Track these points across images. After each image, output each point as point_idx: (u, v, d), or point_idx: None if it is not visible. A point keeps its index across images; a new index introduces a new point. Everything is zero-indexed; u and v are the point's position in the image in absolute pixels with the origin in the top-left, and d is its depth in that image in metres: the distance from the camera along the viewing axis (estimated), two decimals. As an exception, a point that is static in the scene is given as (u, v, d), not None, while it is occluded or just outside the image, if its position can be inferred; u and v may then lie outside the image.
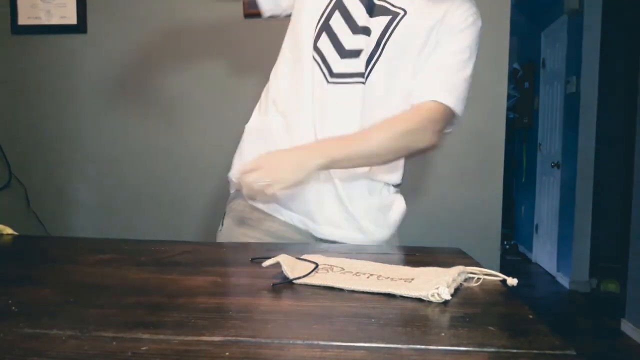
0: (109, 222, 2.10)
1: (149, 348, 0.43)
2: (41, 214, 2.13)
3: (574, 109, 3.89)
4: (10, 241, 0.95)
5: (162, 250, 0.87)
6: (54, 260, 0.79)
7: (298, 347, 0.44)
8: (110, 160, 2.09)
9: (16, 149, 2.15)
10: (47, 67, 2.12)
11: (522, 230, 5.34)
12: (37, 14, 2.07)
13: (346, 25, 0.98)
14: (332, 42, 0.98)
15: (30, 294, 0.59)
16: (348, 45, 0.98)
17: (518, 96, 5.06)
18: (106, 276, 0.70)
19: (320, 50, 0.99)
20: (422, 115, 0.98)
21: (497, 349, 0.44)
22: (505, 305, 0.58)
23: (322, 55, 0.99)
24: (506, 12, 1.97)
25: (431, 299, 0.56)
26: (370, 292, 0.60)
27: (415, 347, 0.44)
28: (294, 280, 0.64)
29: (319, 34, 0.99)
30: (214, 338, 0.45)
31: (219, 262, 0.78)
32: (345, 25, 0.98)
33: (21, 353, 0.42)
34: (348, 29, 0.98)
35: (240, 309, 0.55)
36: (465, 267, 0.67)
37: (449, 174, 2.00)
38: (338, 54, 0.98)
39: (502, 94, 1.98)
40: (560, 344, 0.45)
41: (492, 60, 1.97)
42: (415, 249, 0.89)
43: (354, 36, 0.97)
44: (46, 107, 2.14)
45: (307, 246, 0.97)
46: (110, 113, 2.10)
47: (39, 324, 0.49)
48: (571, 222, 3.89)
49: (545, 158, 4.63)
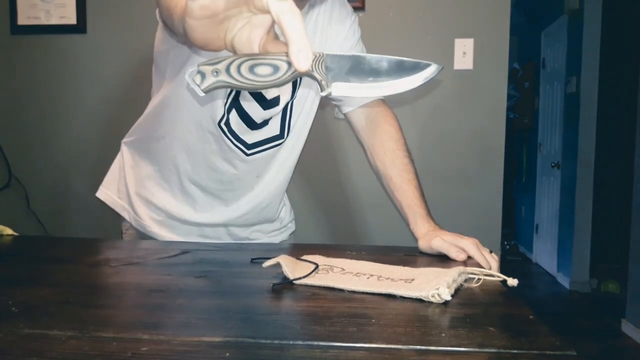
0: (109, 222, 2.10)
1: (149, 349, 0.43)
2: (41, 214, 2.13)
3: (574, 109, 3.89)
4: (10, 241, 0.94)
5: (162, 250, 0.86)
6: (54, 261, 0.79)
7: (298, 348, 0.44)
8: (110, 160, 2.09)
9: (16, 149, 2.15)
10: (47, 67, 2.12)
11: (523, 230, 5.35)
12: (36, 14, 2.07)
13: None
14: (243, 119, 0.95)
15: (30, 295, 0.59)
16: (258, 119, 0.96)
17: (518, 96, 5.06)
18: (106, 276, 0.70)
19: None
20: (394, 118, 1.06)
21: (497, 349, 0.44)
22: (505, 305, 0.58)
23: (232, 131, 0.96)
24: (506, 11, 1.97)
25: (431, 300, 0.56)
26: (370, 292, 0.60)
27: (415, 348, 0.44)
28: (294, 280, 0.63)
29: None
30: (214, 339, 0.45)
31: (219, 263, 0.78)
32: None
33: (21, 353, 0.42)
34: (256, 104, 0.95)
35: (240, 309, 0.55)
36: (465, 268, 0.67)
37: (449, 174, 2.00)
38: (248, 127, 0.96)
39: (502, 94, 1.98)
40: (560, 345, 0.45)
41: (492, 60, 1.97)
42: (415, 249, 0.89)
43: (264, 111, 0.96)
44: (46, 107, 2.14)
45: (307, 246, 0.97)
46: (109, 113, 2.10)
47: (39, 325, 0.49)
48: (571, 223, 3.89)
49: (546, 158, 4.63)
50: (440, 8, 1.97)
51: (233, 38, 0.51)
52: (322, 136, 2.03)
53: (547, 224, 4.54)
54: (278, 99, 0.95)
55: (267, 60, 0.49)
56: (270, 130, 0.98)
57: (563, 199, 4.13)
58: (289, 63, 0.48)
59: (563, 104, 4.19)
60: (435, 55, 1.96)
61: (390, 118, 1.05)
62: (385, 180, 1.00)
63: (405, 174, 0.97)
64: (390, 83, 0.52)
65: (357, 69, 0.51)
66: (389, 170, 0.98)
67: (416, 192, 0.95)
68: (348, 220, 2.07)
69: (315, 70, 0.50)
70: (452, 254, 0.80)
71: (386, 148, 1.01)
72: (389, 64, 0.52)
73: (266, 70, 0.49)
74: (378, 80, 0.52)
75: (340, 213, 2.07)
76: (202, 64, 0.49)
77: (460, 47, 1.97)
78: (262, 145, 0.99)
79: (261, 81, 0.49)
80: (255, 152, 0.98)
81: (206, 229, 1.04)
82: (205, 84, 0.49)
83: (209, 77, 0.49)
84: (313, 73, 0.50)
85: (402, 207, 0.95)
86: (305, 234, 1.99)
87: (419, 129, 2.01)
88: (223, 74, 0.49)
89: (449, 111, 2.00)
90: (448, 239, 0.82)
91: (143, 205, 1.04)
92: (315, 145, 2.00)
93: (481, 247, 0.82)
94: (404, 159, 0.99)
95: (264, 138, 0.98)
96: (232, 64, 0.49)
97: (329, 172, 2.07)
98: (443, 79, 1.99)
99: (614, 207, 3.91)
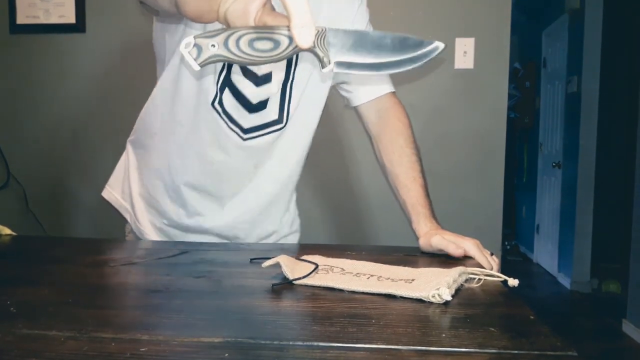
0: (108, 222, 2.10)
1: (148, 349, 0.43)
2: (40, 214, 2.13)
3: (575, 108, 3.89)
4: (9, 241, 0.94)
5: (162, 250, 0.86)
6: (53, 261, 0.79)
7: (298, 349, 0.44)
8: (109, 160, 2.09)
9: (14, 149, 2.15)
10: (46, 66, 2.12)
11: (523, 230, 5.34)
12: (35, 13, 2.07)
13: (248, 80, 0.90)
14: None
15: (29, 295, 0.59)
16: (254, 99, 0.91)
17: (519, 96, 5.05)
18: (105, 276, 0.70)
19: None
20: (404, 113, 1.04)
21: (498, 350, 0.44)
22: (506, 306, 0.57)
23: None
24: (507, 11, 1.97)
25: (432, 300, 0.56)
26: (370, 292, 0.60)
27: (415, 348, 0.44)
28: (293, 281, 0.63)
29: None
30: (214, 339, 0.45)
31: (219, 263, 0.78)
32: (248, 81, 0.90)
33: (19, 354, 0.42)
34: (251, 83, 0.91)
35: (239, 309, 0.55)
36: (465, 268, 0.67)
37: (449, 174, 2.00)
38: None
39: (503, 94, 1.98)
40: (561, 345, 0.45)
41: (493, 59, 1.97)
42: (415, 249, 0.89)
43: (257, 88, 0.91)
44: (44, 107, 2.14)
45: (307, 246, 0.97)
46: (109, 112, 2.10)
47: (38, 325, 0.48)
48: (572, 223, 3.88)
49: (547, 158, 4.63)
50: (441, 7, 1.97)
51: (227, 9, 0.49)
52: (331, 135, 2.02)
53: (548, 224, 4.54)
54: (270, 75, 0.91)
55: (267, 35, 0.47)
56: (268, 114, 0.93)
57: (564, 198, 4.12)
58: (290, 38, 0.46)
59: (564, 104, 4.19)
60: (435, 54, 1.95)
61: (400, 114, 1.03)
62: (391, 177, 0.99)
63: (412, 172, 0.96)
64: (393, 61, 0.50)
65: (359, 45, 0.50)
66: (396, 168, 0.98)
67: (421, 190, 0.94)
68: (355, 221, 2.06)
69: (317, 46, 0.48)
70: (450, 250, 0.80)
71: (395, 145, 1.00)
72: (392, 41, 0.50)
73: (266, 45, 0.47)
74: (381, 57, 0.50)
75: (347, 214, 2.07)
76: (199, 36, 0.47)
77: (461, 46, 1.96)
78: (259, 130, 0.93)
79: (260, 56, 0.47)
80: (252, 137, 0.93)
81: (200, 238, 1.00)
82: (202, 57, 0.47)
83: (205, 50, 0.46)
84: (315, 49, 0.48)
85: (406, 206, 0.95)
86: (312, 234, 1.99)
87: (419, 129, 1.99)
88: (220, 47, 0.46)
89: (450, 111, 2.00)
90: (448, 237, 0.82)
91: (143, 208, 1.01)
92: (324, 143, 1.99)
93: (482, 249, 0.82)
94: (411, 156, 0.99)
95: (261, 123, 0.93)
96: (231, 37, 0.46)
97: (337, 170, 2.06)
98: (443, 79, 1.99)
99: (615, 207, 3.91)
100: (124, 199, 1.05)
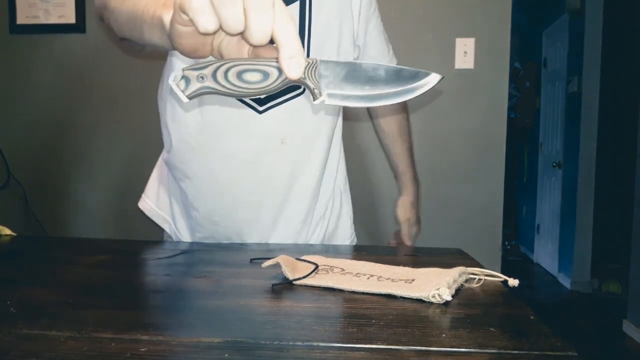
0: (108, 222, 2.10)
1: (148, 349, 0.43)
2: (39, 214, 2.13)
3: (576, 108, 3.89)
4: (9, 241, 0.94)
5: (161, 250, 0.86)
6: (53, 261, 0.79)
7: (298, 349, 0.44)
8: (109, 159, 2.09)
9: (14, 149, 2.15)
10: (46, 66, 2.12)
11: (524, 230, 5.34)
12: (35, 13, 2.07)
13: None
14: None
15: (29, 295, 0.59)
16: None
17: (519, 96, 5.05)
18: (105, 277, 0.70)
19: None
20: None
21: (498, 350, 0.44)
22: (506, 306, 0.57)
23: None
24: (507, 11, 1.96)
25: (432, 300, 0.56)
26: (370, 293, 0.60)
27: (415, 349, 0.44)
28: (293, 281, 0.63)
29: None
30: (213, 339, 0.45)
31: (219, 263, 0.78)
32: None
33: (19, 354, 0.42)
34: None
35: (239, 310, 0.55)
36: (466, 268, 0.67)
37: (449, 174, 2.00)
38: None
39: (503, 94, 1.98)
40: (561, 345, 0.45)
41: (493, 59, 1.97)
42: (415, 250, 0.89)
43: None
44: (44, 107, 2.14)
45: (307, 246, 0.97)
46: (109, 112, 2.10)
47: (37, 325, 0.48)
48: (573, 223, 3.88)
49: (547, 158, 4.63)
50: (442, 7, 1.97)
51: (221, 42, 0.48)
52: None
53: (548, 224, 4.54)
54: None
55: (256, 66, 0.47)
56: None
57: (564, 199, 4.12)
58: (280, 69, 0.46)
59: (564, 104, 4.19)
60: (436, 54, 1.95)
61: None
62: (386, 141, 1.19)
63: (403, 137, 1.18)
64: (387, 93, 0.49)
65: (352, 76, 0.49)
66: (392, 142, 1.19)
67: (407, 155, 1.18)
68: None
69: (307, 78, 0.48)
70: None
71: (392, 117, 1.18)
72: (386, 73, 0.49)
73: (255, 76, 0.47)
74: (375, 89, 0.49)
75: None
76: (187, 68, 0.47)
77: (461, 46, 1.96)
78: (275, 98, 0.89)
79: (249, 88, 0.47)
80: (269, 107, 0.89)
81: None
82: (190, 89, 0.47)
83: (194, 82, 0.46)
84: (305, 80, 0.48)
85: (397, 172, 1.19)
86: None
87: (419, 129, 2.00)
88: (209, 79, 0.47)
89: (450, 111, 2.00)
90: (401, 217, 1.15)
91: (185, 226, 1.00)
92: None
93: (408, 238, 1.12)
94: (403, 120, 1.19)
95: None
96: (219, 69, 0.46)
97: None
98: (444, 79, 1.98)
99: (615, 207, 3.90)
100: (160, 208, 1.04)
